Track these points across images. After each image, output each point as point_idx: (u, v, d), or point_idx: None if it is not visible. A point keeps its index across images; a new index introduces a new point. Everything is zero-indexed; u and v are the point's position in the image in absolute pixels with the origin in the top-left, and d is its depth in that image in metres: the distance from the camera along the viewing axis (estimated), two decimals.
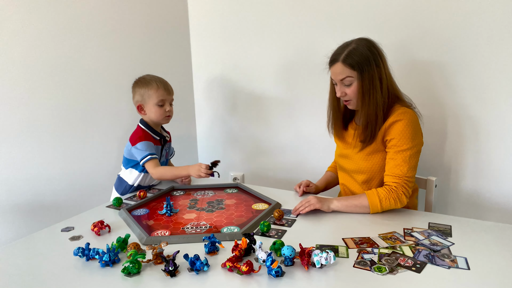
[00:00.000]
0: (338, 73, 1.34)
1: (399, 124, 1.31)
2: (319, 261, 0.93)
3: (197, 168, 1.48)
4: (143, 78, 1.62)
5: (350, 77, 1.32)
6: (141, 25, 2.19)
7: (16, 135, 1.69)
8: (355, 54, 1.31)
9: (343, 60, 1.31)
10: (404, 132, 1.31)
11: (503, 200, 1.72)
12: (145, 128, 1.62)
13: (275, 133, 2.34)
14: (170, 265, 0.94)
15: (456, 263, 0.96)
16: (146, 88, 1.58)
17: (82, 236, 1.19)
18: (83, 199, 1.86)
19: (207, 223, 1.27)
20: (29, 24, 1.68)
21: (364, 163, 1.41)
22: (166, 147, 1.70)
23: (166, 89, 1.60)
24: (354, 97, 1.35)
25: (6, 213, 1.68)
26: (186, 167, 1.53)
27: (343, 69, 1.32)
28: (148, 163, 1.55)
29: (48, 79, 1.78)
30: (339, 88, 1.37)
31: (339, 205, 1.31)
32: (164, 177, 1.59)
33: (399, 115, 1.32)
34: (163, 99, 1.59)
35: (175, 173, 1.57)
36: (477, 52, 1.66)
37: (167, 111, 1.61)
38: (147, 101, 1.58)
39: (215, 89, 2.51)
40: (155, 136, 1.63)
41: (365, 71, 1.30)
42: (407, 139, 1.31)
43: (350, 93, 1.35)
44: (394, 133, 1.32)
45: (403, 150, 1.31)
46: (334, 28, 1.98)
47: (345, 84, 1.34)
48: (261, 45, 2.25)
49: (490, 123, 1.70)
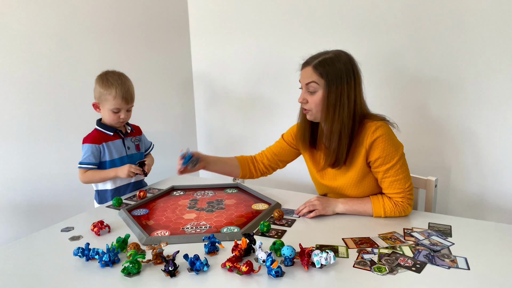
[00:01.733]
0: (306, 76, 1.28)
1: (379, 142, 1.25)
2: (319, 261, 0.93)
3: (126, 168, 1.54)
4: (106, 78, 1.55)
5: (315, 84, 1.26)
6: (141, 25, 2.19)
7: (16, 136, 1.69)
8: (329, 64, 1.25)
9: (314, 66, 1.26)
10: (386, 148, 1.25)
11: (503, 200, 1.72)
12: (98, 128, 1.61)
13: (275, 133, 2.33)
14: (170, 265, 0.94)
15: (456, 263, 0.96)
16: (105, 91, 1.53)
17: (82, 236, 1.19)
18: (83, 199, 1.86)
19: (207, 223, 1.27)
20: (29, 24, 1.68)
21: (356, 191, 1.35)
22: (133, 139, 1.69)
23: (124, 99, 1.54)
24: (314, 108, 1.28)
25: (6, 213, 1.68)
26: (115, 169, 1.57)
27: (312, 74, 1.26)
28: (80, 169, 1.57)
29: (48, 79, 1.78)
30: (301, 94, 1.31)
31: (344, 209, 1.29)
32: (92, 181, 1.60)
33: (375, 133, 1.25)
34: (119, 108, 1.55)
35: (103, 175, 1.58)
36: (478, 51, 1.66)
37: (121, 117, 1.58)
38: (103, 103, 1.55)
39: (215, 89, 2.51)
40: (108, 132, 1.61)
41: (333, 85, 1.24)
42: (392, 153, 1.26)
43: (311, 102, 1.28)
44: (377, 153, 1.26)
45: (393, 164, 1.26)
46: (335, 28, 1.98)
47: (309, 90, 1.28)
48: (261, 45, 2.25)
49: (490, 124, 1.70)
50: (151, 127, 2.32)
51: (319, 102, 1.27)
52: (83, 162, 1.56)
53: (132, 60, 2.15)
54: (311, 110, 1.30)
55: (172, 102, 2.45)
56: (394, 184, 1.27)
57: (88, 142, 1.56)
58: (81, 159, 1.57)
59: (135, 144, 1.70)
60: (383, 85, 1.91)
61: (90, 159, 1.56)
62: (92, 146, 1.56)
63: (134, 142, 1.70)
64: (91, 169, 1.57)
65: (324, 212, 1.28)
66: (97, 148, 1.57)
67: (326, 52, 1.29)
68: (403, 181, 1.28)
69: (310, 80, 1.26)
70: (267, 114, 2.34)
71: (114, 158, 1.61)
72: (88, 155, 1.56)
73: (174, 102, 2.47)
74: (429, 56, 1.77)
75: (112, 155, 1.61)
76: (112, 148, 1.60)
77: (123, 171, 1.54)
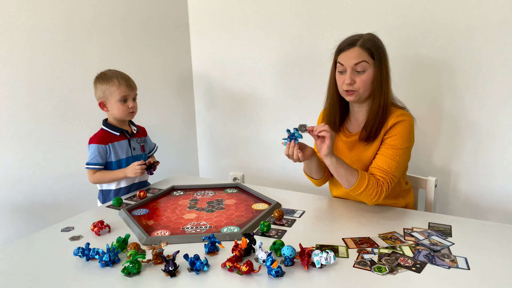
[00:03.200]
0: (354, 57, 1.27)
1: (400, 125, 1.30)
2: (319, 261, 0.93)
3: (132, 167, 1.54)
4: (104, 74, 1.58)
5: (365, 63, 1.27)
6: (141, 25, 2.19)
7: (17, 135, 1.69)
8: (373, 42, 1.29)
9: (361, 44, 1.27)
10: (402, 133, 1.30)
11: (503, 200, 1.72)
12: (105, 128, 1.61)
13: (276, 133, 2.34)
14: (170, 265, 0.94)
15: (456, 263, 0.96)
16: (107, 85, 1.54)
17: (82, 236, 1.19)
18: (83, 199, 1.86)
19: (207, 223, 1.27)
20: (29, 23, 1.68)
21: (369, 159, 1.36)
22: (139, 140, 1.70)
23: (129, 85, 1.57)
24: (362, 87, 1.29)
25: (6, 213, 1.68)
26: (123, 169, 1.57)
27: (361, 53, 1.27)
28: (89, 170, 1.57)
29: (49, 78, 1.78)
30: (349, 76, 1.28)
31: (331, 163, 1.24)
32: (102, 182, 1.60)
33: (399, 117, 1.30)
34: (126, 95, 1.56)
35: (112, 176, 1.58)
36: (476, 53, 1.66)
37: (130, 107, 1.59)
38: (109, 98, 1.56)
39: (215, 89, 2.51)
40: (114, 132, 1.61)
41: (382, 62, 1.29)
42: (403, 139, 1.30)
43: (360, 82, 1.28)
44: (393, 132, 1.30)
45: (397, 148, 1.30)
46: (334, 27, 1.98)
47: (358, 70, 1.28)
48: (261, 45, 2.25)
49: (490, 124, 1.70)
50: (151, 127, 2.32)
51: (368, 80, 1.29)
52: (90, 162, 1.56)
53: (132, 60, 2.15)
54: (357, 91, 1.30)
55: (172, 102, 2.45)
56: (386, 161, 1.29)
57: (94, 143, 1.56)
58: (88, 159, 1.57)
59: (140, 145, 1.70)
60: None
61: (97, 159, 1.56)
62: (99, 146, 1.56)
63: (139, 143, 1.70)
64: (99, 169, 1.57)
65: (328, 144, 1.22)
66: (103, 148, 1.57)
67: (360, 35, 1.32)
68: (395, 166, 1.29)
69: (360, 60, 1.27)
70: (268, 114, 2.34)
71: (120, 158, 1.61)
72: (95, 155, 1.56)
73: (174, 102, 2.47)
74: (429, 57, 1.77)
75: (118, 155, 1.61)
76: (118, 149, 1.61)
77: (130, 170, 1.54)
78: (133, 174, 1.54)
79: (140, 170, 1.53)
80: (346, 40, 1.32)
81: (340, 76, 1.33)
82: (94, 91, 1.60)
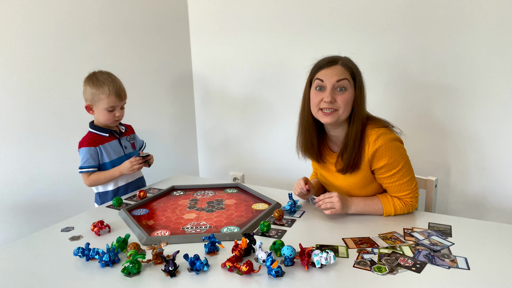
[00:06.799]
0: (336, 74, 1.22)
1: (381, 152, 1.23)
2: (319, 261, 0.93)
3: (129, 164, 1.54)
4: (96, 78, 1.54)
5: (347, 81, 1.22)
6: (141, 25, 2.19)
7: (16, 136, 1.69)
8: (353, 64, 1.27)
9: (343, 63, 1.24)
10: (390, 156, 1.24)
11: (503, 200, 1.72)
12: (92, 131, 1.60)
13: (275, 133, 2.34)
14: (170, 265, 0.94)
15: (456, 263, 0.96)
16: (97, 90, 1.52)
17: (82, 236, 1.19)
18: (83, 199, 1.86)
19: (207, 223, 1.27)
20: (29, 23, 1.68)
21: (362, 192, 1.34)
22: (128, 138, 1.70)
23: (118, 96, 1.54)
24: (343, 106, 1.22)
25: (6, 213, 1.68)
26: (117, 168, 1.57)
27: (343, 71, 1.23)
28: (83, 174, 1.56)
29: (48, 79, 1.78)
30: (329, 93, 1.21)
31: (355, 211, 1.28)
32: (98, 183, 1.59)
33: (376, 143, 1.23)
34: (114, 105, 1.55)
35: (108, 176, 1.57)
36: (478, 53, 1.66)
37: (116, 116, 1.57)
38: (96, 104, 1.54)
39: (215, 89, 2.51)
40: (103, 134, 1.60)
41: (361, 82, 1.26)
42: (397, 160, 1.24)
43: (341, 101, 1.21)
44: (382, 162, 1.24)
45: (399, 169, 1.25)
46: (337, 30, 1.98)
47: (338, 88, 1.22)
48: (261, 45, 2.25)
49: (490, 124, 1.70)
50: (151, 127, 2.32)
51: (349, 100, 1.23)
52: (83, 166, 1.55)
53: (132, 60, 2.15)
54: (337, 110, 1.23)
55: (172, 102, 2.45)
56: (402, 187, 1.28)
57: (84, 146, 1.56)
58: (81, 164, 1.56)
59: (130, 143, 1.71)
60: (388, 86, 1.91)
61: (89, 162, 1.55)
62: (89, 149, 1.55)
63: (129, 141, 1.71)
64: (93, 172, 1.57)
65: (341, 211, 1.24)
66: (94, 150, 1.56)
67: (339, 56, 1.28)
68: (410, 182, 1.28)
69: (343, 77, 1.22)
70: (267, 114, 2.34)
71: (113, 158, 1.61)
72: (87, 158, 1.55)
73: (173, 102, 2.47)
74: (430, 59, 1.77)
75: (111, 156, 1.60)
76: (109, 149, 1.60)
77: (126, 167, 1.54)
78: (130, 170, 1.54)
79: (137, 165, 1.54)
80: (326, 59, 1.27)
81: (318, 93, 1.25)
82: (83, 90, 1.57)
